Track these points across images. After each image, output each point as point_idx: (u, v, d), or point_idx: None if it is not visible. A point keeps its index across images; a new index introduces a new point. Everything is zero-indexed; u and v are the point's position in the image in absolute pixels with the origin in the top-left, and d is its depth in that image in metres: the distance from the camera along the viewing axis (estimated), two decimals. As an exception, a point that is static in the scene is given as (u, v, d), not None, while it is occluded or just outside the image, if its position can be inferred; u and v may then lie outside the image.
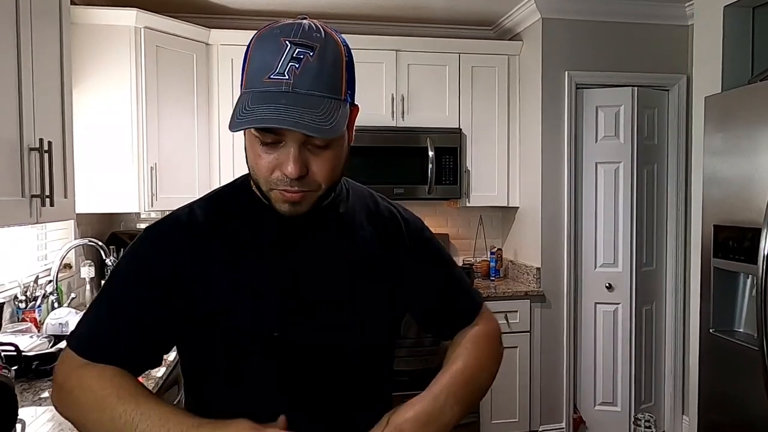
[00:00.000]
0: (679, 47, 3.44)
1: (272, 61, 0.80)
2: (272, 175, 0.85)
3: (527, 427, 3.37)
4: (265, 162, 0.84)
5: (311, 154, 0.84)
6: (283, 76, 0.79)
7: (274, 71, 0.79)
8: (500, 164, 3.58)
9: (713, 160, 2.52)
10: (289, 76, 0.79)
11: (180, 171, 3.03)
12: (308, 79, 0.80)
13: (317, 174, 0.85)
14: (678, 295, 3.51)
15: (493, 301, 3.27)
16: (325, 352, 0.93)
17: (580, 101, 3.41)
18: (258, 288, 0.90)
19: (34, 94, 1.73)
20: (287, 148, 0.82)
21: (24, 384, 1.67)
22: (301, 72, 0.79)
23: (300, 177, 0.83)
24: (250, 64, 0.83)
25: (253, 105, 0.79)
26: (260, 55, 0.82)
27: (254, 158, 0.86)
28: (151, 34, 2.85)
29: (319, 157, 0.85)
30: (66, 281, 2.70)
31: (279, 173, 0.84)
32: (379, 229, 1.02)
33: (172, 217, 0.96)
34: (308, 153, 0.84)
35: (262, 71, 0.80)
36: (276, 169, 0.84)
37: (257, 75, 0.81)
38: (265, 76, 0.80)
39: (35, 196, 1.71)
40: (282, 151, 0.83)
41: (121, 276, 0.93)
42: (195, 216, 0.94)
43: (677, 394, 3.54)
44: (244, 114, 0.79)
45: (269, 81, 0.80)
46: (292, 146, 0.82)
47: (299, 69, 0.79)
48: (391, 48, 3.39)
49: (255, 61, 0.82)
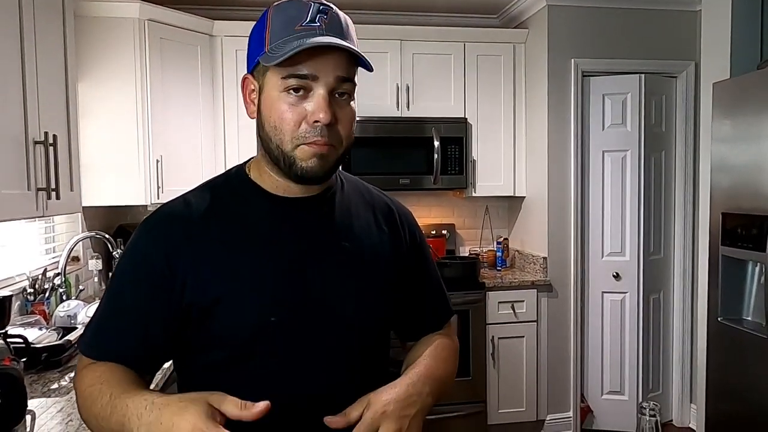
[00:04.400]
0: (687, 33, 3.39)
1: (300, 15, 0.85)
2: (299, 128, 0.86)
3: (534, 417, 3.38)
4: (291, 116, 0.86)
5: (336, 106, 0.87)
6: (315, 23, 0.85)
7: (304, 21, 0.84)
8: (506, 153, 3.56)
9: (721, 148, 2.49)
10: (320, 23, 0.85)
11: (186, 163, 3.03)
12: (336, 28, 0.86)
13: (342, 126, 0.88)
14: (686, 283, 3.49)
15: (500, 291, 3.27)
16: (323, 338, 0.93)
17: (586, 89, 3.38)
18: (255, 275, 0.90)
19: (38, 88, 1.73)
20: (315, 97, 0.85)
21: (33, 376, 1.69)
22: (329, 22, 0.85)
23: (329, 125, 0.86)
24: (272, 25, 0.86)
25: (292, 42, 0.83)
26: (284, 14, 0.86)
27: (279, 115, 0.87)
28: (155, 27, 2.85)
29: (343, 110, 0.88)
30: (74, 274, 2.72)
31: (306, 126, 0.86)
32: (374, 217, 1.03)
33: (165, 209, 0.96)
34: (334, 104, 0.87)
35: (291, 22, 0.85)
36: (303, 122, 0.86)
37: (285, 27, 0.85)
38: (296, 25, 0.84)
39: (41, 189, 1.72)
40: (308, 102, 0.86)
41: (121, 273, 0.93)
42: (189, 206, 0.95)
43: (685, 382, 3.53)
44: (285, 46, 0.83)
45: (302, 28, 0.84)
46: (322, 90, 0.85)
47: (327, 19, 0.85)
48: (396, 37, 3.37)
49: (278, 20, 0.86)
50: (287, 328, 0.91)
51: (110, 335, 0.91)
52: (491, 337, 3.26)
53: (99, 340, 0.92)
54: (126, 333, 0.90)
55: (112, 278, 0.95)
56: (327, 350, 0.94)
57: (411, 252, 1.07)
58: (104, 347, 0.91)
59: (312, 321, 0.92)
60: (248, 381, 0.91)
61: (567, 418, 3.44)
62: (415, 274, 1.07)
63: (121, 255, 0.96)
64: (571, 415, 3.44)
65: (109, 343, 0.91)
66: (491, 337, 3.26)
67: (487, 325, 3.25)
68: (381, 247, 1.01)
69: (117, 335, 0.91)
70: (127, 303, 0.91)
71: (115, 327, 0.91)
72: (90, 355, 0.92)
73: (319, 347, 0.93)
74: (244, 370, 0.92)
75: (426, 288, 1.10)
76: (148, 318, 0.90)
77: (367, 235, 1.00)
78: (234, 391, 0.91)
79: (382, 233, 1.03)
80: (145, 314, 0.90)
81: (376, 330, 1.02)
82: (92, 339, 0.93)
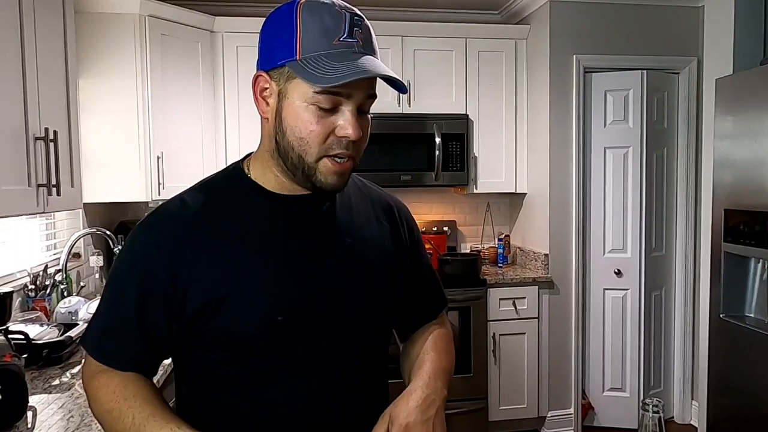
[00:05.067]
0: (689, 29, 3.38)
1: (336, 26, 0.83)
2: (326, 141, 0.86)
3: (536, 413, 3.38)
4: (320, 128, 0.85)
5: (361, 120, 0.88)
6: (353, 38, 0.84)
7: (343, 35, 0.83)
8: (508, 150, 3.55)
9: (724, 144, 2.48)
10: (357, 39, 0.84)
11: (187, 160, 3.03)
12: (369, 44, 0.86)
13: (363, 139, 0.90)
14: (687, 280, 3.48)
15: (501, 288, 3.27)
16: (327, 335, 0.93)
17: (588, 85, 3.37)
18: (260, 274, 0.90)
19: (38, 83, 1.72)
20: (343, 112, 0.85)
21: (34, 372, 1.69)
22: (364, 36, 0.85)
23: (355, 140, 0.87)
24: (303, 30, 0.83)
25: (336, 62, 0.81)
26: (318, 21, 0.83)
27: (306, 127, 0.85)
28: (156, 22, 2.84)
29: (365, 124, 0.89)
30: (75, 270, 2.72)
31: (334, 138, 0.86)
32: (375, 213, 1.04)
33: (162, 210, 0.94)
34: (359, 117, 0.87)
35: (329, 35, 0.83)
36: (330, 135, 0.86)
37: (322, 38, 0.83)
38: (334, 39, 0.83)
39: (42, 185, 1.71)
40: (336, 116, 0.85)
41: (121, 275, 0.93)
42: (186, 206, 0.93)
43: (686, 379, 3.53)
44: (332, 70, 0.81)
45: (340, 43, 0.83)
46: (351, 107, 0.85)
47: (362, 33, 0.85)
48: (397, 33, 3.35)
49: (313, 27, 0.83)
50: (293, 326, 0.91)
51: (117, 340, 0.91)
52: (492, 334, 3.26)
53: (107, 345, 0.92)
54: (132, 338, 0.90)
55: (112, 278, 0.94)
56: (331, 347, 0.94)
57: (410, 247, 1.07)
58: (114, 353, 0.92)
59: (317, 318, 0.92)
60: (250, 379, 0.91)
61: (568, 414, 3.44)
62: (412, 268, 1.08)
63: (118, 256, 0.96)
64: (573, 412, 3.44)
65: (118, 348, 0.91)
66: (492, 334, 3.26)
67: (488, 322, 3.25)
68: (382, 242, 1.01)
69: (124, 340, 0.91)
70: (130, 306, 0.90)
71: (120, 331, 0.91)
72: (100, 360, 0.92)
73: (323, 344, 0.93)
74: (247, 369, 0.91)
75: (421, 280, 1.11)
76: (152, 321, 0.90)
77: (368, 230, 1.00)
78: (235, 388, 0.91)
79: (383, 228, 1.03)
80: (149, 317, 0.90)
81: (380, 326, 1.02)
82: (99, 343, 0.93)
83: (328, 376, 0.93)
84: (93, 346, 0.94)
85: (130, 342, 0.91)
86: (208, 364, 0.93)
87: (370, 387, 1.00)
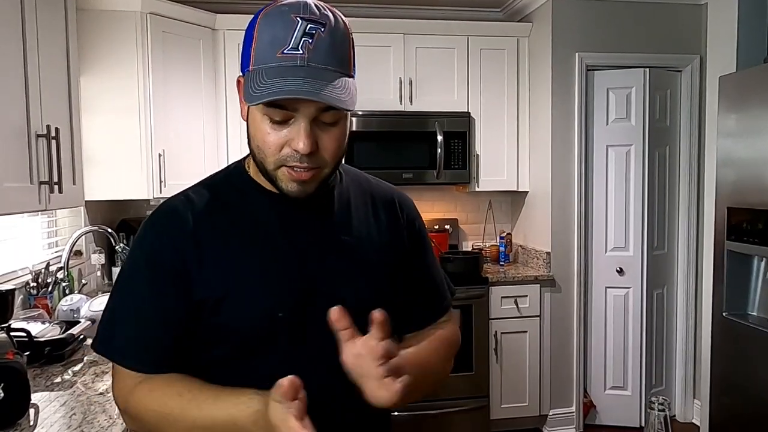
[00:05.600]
0: (692, 27, 3.37)
1: (285, 36, 0.80)
2: (281, 152, 0.85)
3: (537, 411, 3.38)
4: (274, 139, 0.84)
5: (320, 131, 0.85)
6: (298, 50, 0.80)
7: (287, 46, 0.80)
8: (510, 148, 3.54)
9: (727, 142, 2.48)
10: (303, 51, 0.80)
11: (188, 157, 3.03)
12: (322, 53, 0.81)
13: (326, 150, 0.86)
14: (690, 278, 3.48)
15: (503, 286, 3.27)
16: (326, 332, 0.91)
17: (590, 83, 3.36)
18: (260, 272, 0.91)
19: (40, 81, 1.72)
20: (297, 125, 0.83)
21: (36, 369, 1.69)
22: (315, 46, 0.80)
23: (310, 153, 0.84)
24: (258, 41, 0.83)
25: (269, 78, 0.79)
26: (270, 31, 0.82)
27: (262, 137, 0.85)
28: (157, 20, 2.84)
29: (328, 134, 0.85)
30: (77, 268, 2.72)
31: (289, 149, 0.84)
32: (374, 209, 1.03)
33: (167, 206, 0.95)
34: (317, 130, 0.84)
35: (274, 46, 0.81)
36: (285, 146, 0.84)
37: (269, 50, 0.81)
38: (278, 51, 0.80)
39: (44, 182, 1.71)
40: (292, 127, 0.83)
41: (133, 273, 0.93)
42: (191, 202, 0.94)
43: (688, 378, 3.52)
44: (262, 86, 0.79)
45: (283, 56, 0.80)
46: (303, 121, 0.82)
47: (313, 44, 0.80)
48: (399, 31, 3.35)
49: (264, 37, 0.82)
50: (292, 323, 0.91)
51: (143, 342, 0.90)
52: (494, 332, 3.25)
53: (132, 349, 0.90)
54: (158, 338, 0.90)
55: (122, 278, 0.94)
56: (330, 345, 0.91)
57: (410, 240, 1.05)
58: (141, 357, 0.90)
59: (315, 315, 0.91)
60: (252, 375, 0.90)
61: (570, 413, 3.43)
62: (413, 263, 1.06)
63: (129, 254, 0.96)
64: (574, 410, 3.43)
65: (145, 352, 0.90)
66: (494, 332, 3.25)
67: (490, 320, 3.25)
68: (380, 238, 1.01)
69: (150, 341, 0.90)
70: (148, 305, 0.90)
71: (144, 332, 0.90)
72: (129, 366, 0.91)
73: (323, 342, 0.91)
74: (249, 365, 0.91)
75: (424, 277, 1.08)
76: (173, 318, 0.90)
77: (366, 227, 1.00)
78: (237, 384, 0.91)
79: (380, 225, 1.02)
80: (170, 315, 0.89)
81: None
82: (125, 347, 0.91)
83: (328, 375, 0.92)
84: (121, 350, 0.91)
85: (156, 342, 0.90)
86: (210, 360, 0.93)
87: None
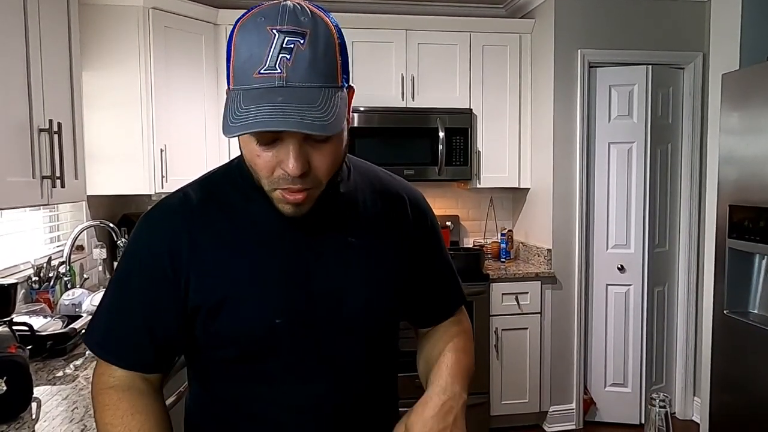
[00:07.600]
0: (695, 24, 3.36)
1: (260, 54, 0.74)
2: (274, 174, 0.80)
3: (537, 408, 3.38)
4: (264, 161, 0.79)
5: (312, 149, 0.79)
6: (275, 69, 0.73)
7: (264, 65, 0.74)
8: (511, 145, 3.54)
9: (729, 139, 2.47)
10: (281, 70, 0.73)
11: (190, 152, 3.03)
12: (302, 70, 0.74)
13: (319, 169, 0.81)
14: (691, 276, 3.48)
15: (504, 283, 3.27)
16: (329, 337, 0.91)
17: (593, 80, 3.35)
18: (259, 277, 0.88)
19: (42, 76, 1.72)
20: (286, 146, 0.77)
21: (38, 363, 1.69)
22: (294, 63, 0.74)
23: (302, 174, 0.79)
24: (235, 58, 0.77)
25: (246, 105, 0.73)
26: (246, 47, 0.75)
27: (252, 158, 0.81)
28: (159, 15, 2.83)
29: (320, 152, 0.80)
30: (78, 263, 2.72)
31: (281, 171, 0.79)
32: (383, 208, 0.98)
33: (164, 204, 0.93)
34: (309, 148, 0.79)
35: (250, 66, 0.74)
36: (277, 168, 0.79)
37: (246, 71, 0.75)
38: (254, 72, 0.74)
39: (46, 177, 1.72)
40: (281, 148, 0.78)
41: (126, 270, 0.92)
42: (190, 201, 0.91)
43: (689, 375, 3.53)
44: (239, 116, 0.73)
45: (260, 76, 0.74)
46: (291, 144, 0.77)
47: (291, 60, 0.73)
48: (401, 27, 3.34)
49: (241, 54, 0.76)
50: (292, 329, 0.89)
51: (123, 337, 0.90)
52: (495, 329, 3.26)
53: (112, 343, 0.91)
54: (138, 336, 0.89)
55: (117, 274, 0.93)
56: (333, 350, 0.91)
57: (420, 238, 1.02)
58: (118, 352, 0.90)
59: (317, 321, 0.90)
60: (258, 379, 0.90)
61: (570, 409, 3.44)
62: (425, 261, 1.02)
63: (124, 250, 0.94)
64: (574, 407, 3.44)
65: (124, 347, 0.90)
66: (495, 329, 3.26)
67: (490, 317, 3.25)
68: (389, 238, 0.97)
69: (130, 338, 0.90)
70: (135, 303, 0.89)
71: (126, 329, 0.90)
72: (105, 358, 0.91)
73: (325, 347, 0.91)
74: (253, 370, 0.90)
75: (436, 274, 1.06)
76: (158, 318, 0.89)
77: (373, 227, 0.96)
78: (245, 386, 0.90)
79: (390, 223, 0.98)
80: (155, 314, 0.89)
81: (384, 325, 0.98)
82: (104, 340, 0.91)
83: (332, 381, 0.91)
84: (98, 341, 0.92)
85: (137, 339, 0.89)
86: (214, 362, 0.92)
87: (378, 391, 0.98)
